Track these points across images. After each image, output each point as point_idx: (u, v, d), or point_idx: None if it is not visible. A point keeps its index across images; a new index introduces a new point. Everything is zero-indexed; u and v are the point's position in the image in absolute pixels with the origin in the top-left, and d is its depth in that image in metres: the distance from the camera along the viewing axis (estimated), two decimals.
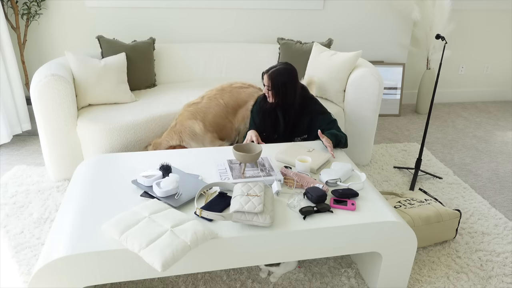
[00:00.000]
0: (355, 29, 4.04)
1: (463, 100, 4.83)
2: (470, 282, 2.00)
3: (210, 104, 2.70)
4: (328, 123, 2.46)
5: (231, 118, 2.75)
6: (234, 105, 2.75)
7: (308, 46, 3.31)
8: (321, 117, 2.47)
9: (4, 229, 2.28)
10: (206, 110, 2.67)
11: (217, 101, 2.71)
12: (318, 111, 2.49)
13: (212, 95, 2.75)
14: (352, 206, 1.77)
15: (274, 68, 2.39)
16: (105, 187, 1.88)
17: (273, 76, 2.37)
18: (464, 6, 4.29)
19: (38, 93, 2.54)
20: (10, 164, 3.04)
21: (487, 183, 2.97)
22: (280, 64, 2.41)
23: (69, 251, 1.47)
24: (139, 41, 3.25)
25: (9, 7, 3.37)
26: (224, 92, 2.76)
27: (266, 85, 2.42)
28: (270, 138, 2.57)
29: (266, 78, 2.41)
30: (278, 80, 2.37)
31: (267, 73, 2.41)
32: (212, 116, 2.68)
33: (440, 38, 2.68)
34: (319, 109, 2.50)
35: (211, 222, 1.65)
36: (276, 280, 1.97)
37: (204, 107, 2.68)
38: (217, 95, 2.74)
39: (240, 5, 3.70)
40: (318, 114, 2.48)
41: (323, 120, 2.46)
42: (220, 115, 2.71)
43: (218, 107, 2.70)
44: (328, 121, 2.47)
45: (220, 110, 2.71)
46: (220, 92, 2.76)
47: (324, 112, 2.50)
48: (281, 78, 2.37)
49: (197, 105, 2.70)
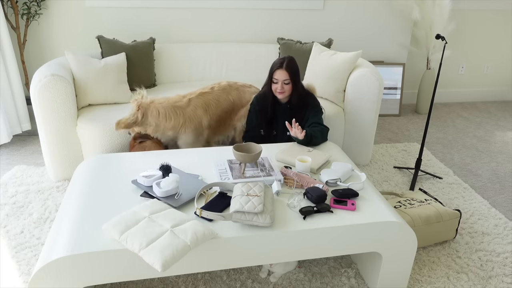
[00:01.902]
0: (355, 29, 4.04)
1: (463, 100, 4.83)
2: (470, 282, 2.00)
3: (220, 97, 2.67)
4: (314, 115, 2.48)
5: (233, 115, 2.76)
6: (238, 104, 2.76)
7: (308, 46, 3.31)
8: (313, 110, 2.50)
9: (4, 229, 2.28)
10: (217, 104, 2.65)
11: (226, 97, 2.70)
12: (312, 105, 2.52)
13: (221, 88, 2.72)
14: (352, 206, 1.77)
15: (286, 61, 2.38)
16: (105, 187, 1.88)
17: (290, 66, 2.37)
18: (464, 6, 4.29)
19: (38, 93, 2.53)
20: (10, 164, 3.04)
21: (487, 183, 2.97)
22: (285, 57, 2.42)
23: (69, 251, 1.47)
24: (139, 41, 3.25)
25: (9, 7, 3.36)
26: (232, 89, 2.75)
27: (282, 80, 2.38)
28: (269, 136, 2.58)
29: (282, 73, 2.37)
30: (295, 69, 2.39)
31: (281, 67, 2.37)
32: (220, 111, 2.67)
33: (440, 38, 2.68)
34: (313, 102, 2.53)
35: (211, 222, 1.65)
36: (276, 280, 1.97)
37: (216, 100, 2.65)
38: (226, 89, 2.72)
39: (240, 5, 3.70)
40: (311, 107, 2.51)
41: (312, 112, 2.49)
42: (227, 111, 2.70)
43: (226, 102, 2.69)
44: (315, 112, 2.49)
45: (228, 106, 2.70)
46: (229, 87, 2.74)
47: (315, 105, 2.53)
48: (296, 66, 2.40)
49: (209, 96, 2.65)
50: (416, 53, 4.41)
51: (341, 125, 2.98)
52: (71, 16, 3.51)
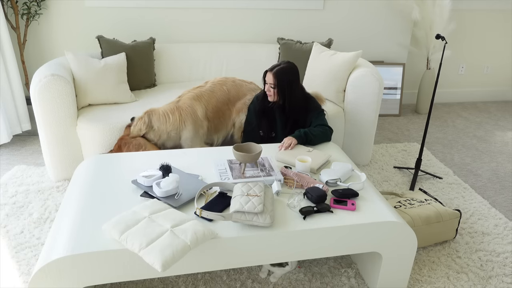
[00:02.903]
0: (355, 29, 4.04)
1: (463, 100, 4.83)
2: (470, 282, 2.00)
3: (214, 88, 2.72)
4: (317, 117, 2.47)
5: (231, 106, 2.77)
6: (235, 95, 2.78)
7: (308, 46, 3.31)
8: (314, 112, 2.50)
9: (4, 229, 2.28)
10: (210, 94, 2.69)
11: (220, 87, 2.74)
12: (312, 108, 2.51)
13: (216, 81, 2.78)
14: (352, 206, 1.77)
15: (279, 67, 2.38)
16: (105, 187, 1.88)
17: (278, 74, 2.36)
18: (464, 6, 4.29)
19: (38, 93, 2.53)
20: (10, 164, 3.04)
21: (487, 183, 2.97)
22: (283, 63, 2.41)
23: (69, 251, 1.47)
24: (139, 41, 3.25)
25: (9, 7, 3.36)
26: (228, 81, 2.80)
27: (269, 83, 2.41)
28: (267, 137, 2.57)
29: (270, 76, 2.39)
30: (283, 78, 2.37)
31: (271, 71, 2.39)
32: (215, 101, 2.70)
33: (440, 38, 2.68)
34: (313, 105, 2.53)
35: (211, 222, 1.65)
36: (276, 280, 1.97)
37: (209, 91, 2.70)
38: (221, 82, 2.77)
39: (240, 5, 3.70)
40: (312, 110, 2.50)
41: (314, 115, 2.48)
42: (223, 101, 2.73)
43: (221, 92, 2.73)
44: (317, 114, 2.48)
45: (223, 95, 2.73)
46: (224, 80, 2.80)
47: (316, 108, 2.52)
48: (286, 77, 2.37)
49: (201, 88, 2.72)
50: (416, 53, 4.41)
51: (341, 125, 2.98)
52: (71, 16, 3.50)
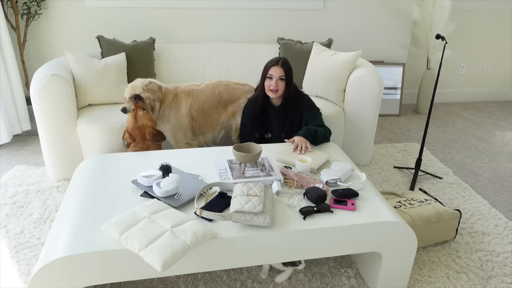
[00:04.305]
0: (355, 29, 4.04)
1: (463, 100, 4.83)
2: (470, 282, 2.00)
3: (205, 90, 2.78)
4: (314, 117, 2.48)
5: (220, 109, 2.80)
6: (227, 99, 2.81)
7: (308, 46, 3.31)
8: (309, 112, 2.50)
9: (4, 229, 2.28)
10: (200, 94, 2.75)
11: (212, 90, 2.79)
12: (306, 106, 2.51)
13: (210, 84, 2.84)
14: (352, 206, 1.77)
15: (280, 59, 2.43)
16: (105, 187, 1.88)
17: (285, 64, 2.42)
18: (464, 6, 4.29)
19: (38, 93, 2.53)
20: (10, 164, 3.04)
21: (487, 183, 2.97)
22: (279, 57, 2.47)
23: (69, 251, 1.47)
24: (139, 41, 3.25)
25: (9, 7, 3.36)
26: (221, 84, 2.84)
27: (277, 76, 2.40)
28: (263, 138, 2.58)
29: (278, 69, 2.40)
30: (289, 68, 2.43)
31: (277, 63, 2.40)
32: (202, 101, 2.74)
33: (440, 38, 2.68)
34: (307, 103, 2.53)
35: (211, 222, 1.65)
36: (284, 280, 1.96)
37: (199, 91, 2.77)
38: (214, 85, 2.82)
39: (240, 5, 3.70)
40: (307, 110, 2.50)
41: (310, 114, 2.49)
42: (211, 104, 2.76)
43: (211, 94, 2.77)
44: (314, 114, 2.49)
45: (212, 98, 2.77)
46: (218, 83, 2.85)
47: (311, 107, 2.52)
48: (290, 67, 2.44)
49: (195, 87, 2.80)
50: (416, 53, 4.41)
51: (341, 125, 2.98)
52: (71, 16, 3.50)
